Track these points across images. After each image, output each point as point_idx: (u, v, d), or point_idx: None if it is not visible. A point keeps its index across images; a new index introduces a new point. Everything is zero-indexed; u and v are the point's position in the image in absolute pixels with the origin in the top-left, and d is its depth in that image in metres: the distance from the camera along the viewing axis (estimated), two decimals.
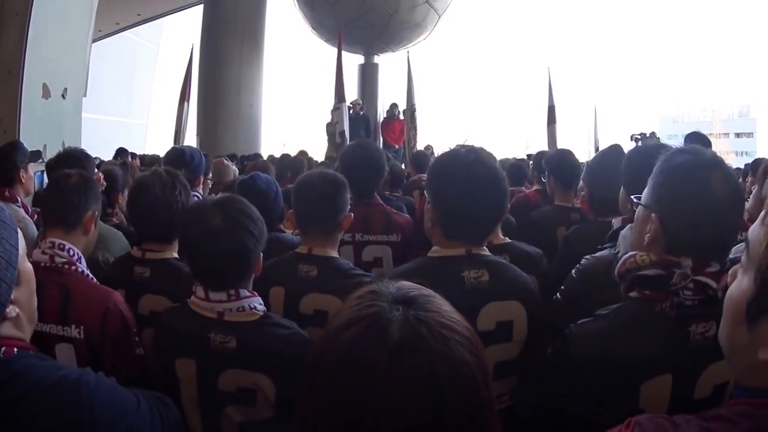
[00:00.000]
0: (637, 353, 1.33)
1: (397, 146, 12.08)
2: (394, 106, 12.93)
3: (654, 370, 1.32)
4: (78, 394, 1.07)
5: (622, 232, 1.88)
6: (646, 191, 1.46)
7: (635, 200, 1.51)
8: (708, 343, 1.30)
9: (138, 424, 1.16)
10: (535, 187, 4.47)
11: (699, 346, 1.31)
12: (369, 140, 8.71)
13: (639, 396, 1.32)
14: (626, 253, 1.47)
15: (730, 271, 0.94)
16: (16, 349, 1.08)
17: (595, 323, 1.43)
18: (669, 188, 1.38)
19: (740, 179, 5.22)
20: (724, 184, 1.33)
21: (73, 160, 3.07)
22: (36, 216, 3.11)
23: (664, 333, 1.33)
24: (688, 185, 1.35)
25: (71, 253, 1.95)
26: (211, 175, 4.71)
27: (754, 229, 0.87)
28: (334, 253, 2.18)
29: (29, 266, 1.17)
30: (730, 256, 1.35)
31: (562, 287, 2.03)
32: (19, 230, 1.11)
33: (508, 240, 2.41)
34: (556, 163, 3.57)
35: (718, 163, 1.38)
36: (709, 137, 5.31)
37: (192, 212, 1.84)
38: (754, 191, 2.61)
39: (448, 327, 0.79)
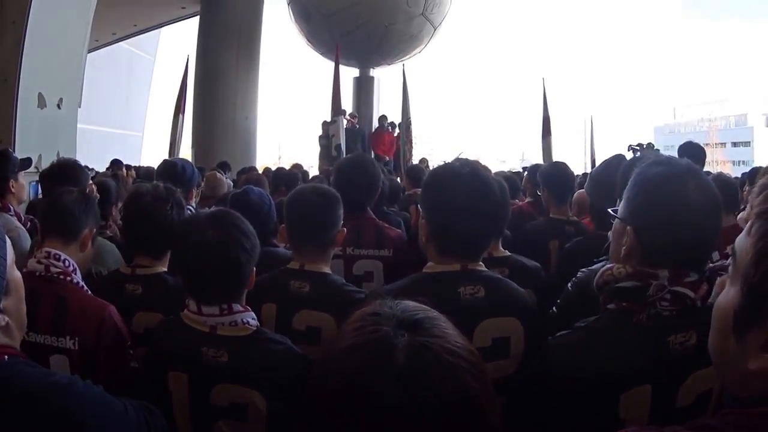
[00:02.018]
0: (614, 365, 1.33)
1: (387, 158, 12.14)
2: (383, 118, 13.04)
3: (633, 381, 1.32)
4: (67, 400, 1.08)
5: None
6: (621, 204, 1.47)
7: (611, 213, 1.52)
8: (688, 352, 1.32)
9: (125, 430, 1.17)
10: (528, 199, 4.49)
11: (679, 356, 1.32)
12: (365, 154, 8.74)
13: (618, 406, 1.32)
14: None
15: (717, 282, 0.96)
16: (6, 357, 1.09)
17: (572, 335, 1.43)
18: (642, 200, 1.40)
19: (738, 188, 5.24)
20: (698, 193, 1.34)
21: (66, 170, 3.06)
22: (29, 223, 3.10)
23: (641, 344, 1.33)
24: (661, 196, 1.36)
25: (67, 263, 1.95)
26: (202, 187, 4.71)
27: (740, 240, 0.88)
28: (327, 269, 2.17)
29: (18, 274, 1.17)
30: (710, 264, 1.36)
31: (558, 300, 2.03)
32: (7, 239, 1.12)
33: (507, 253, 2.41)
34: (550, 176, 3.58)
35: (692, 172, 1.39)
36: (705, 147, 5.35)
37: (185, 225, 1.84)
38: (748, 202, 2.58)
39: (454, 353, 0.78)
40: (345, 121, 11.06)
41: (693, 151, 4.73)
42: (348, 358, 0.78)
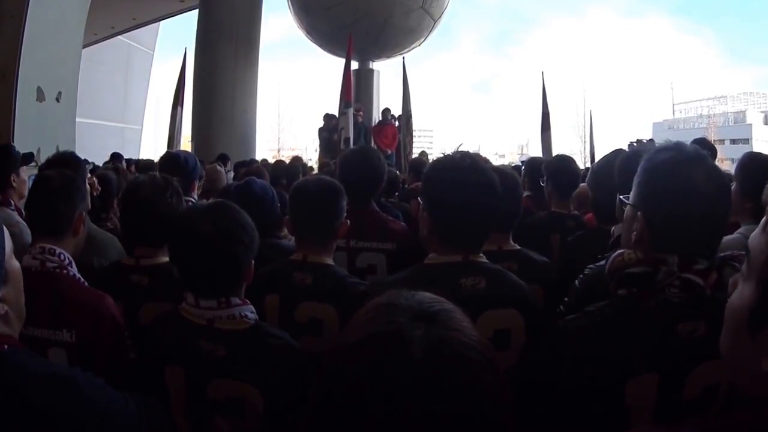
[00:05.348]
0: (621, 350, 1.33)
1: (389, 151, 12.06)
2: (386, 111, 12.95)
3: (639, 368, 1.31)
4: (67, 390, 1.08)
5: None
6: (632, 190, 1.47)
7: (623, 200, 1.53)
8: (696, 342, 1.31)
9: (126, 423, 1.17)
10: (526, 194, 4.46)
11: (687, 346, 1.31)
12: (370, 147, 8.67)
13: (624, 393, 1.31)
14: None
15: (730, 280, 0.93)
16: (6, 346, 1.09)
17: (582, 320, 1.43)
18: (651, 185, 1.40)
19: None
20: (707, 179, 1.35)
21: (64, 163, 3.05)
22: None
23: (650, 331, 1.33)
24: (669, 181, 1.37)
25: (62, 257, 1.93)
26: (203, 180, 4.70)
27: (754, 237, 0.86)
28: (330, 261, 2.16)
29: (17, 264, 1.17)
30: (721, 254, 1.35)
31: (566, 298, 2.01)
32: (5, 228, 1.12)
33: (517, 247, 2.39)
34: (556, 169, 3.55)
35: (700, 158, 1.39)
36: None
37: (182, 218, 1.83)
38: (732, 189, 2.57)
39: (471, 347, 0.76)
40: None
41: (703, 148, 4.71)
42: (363, 349, 0.76)
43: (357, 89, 14.24)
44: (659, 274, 1.32)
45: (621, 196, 1.56)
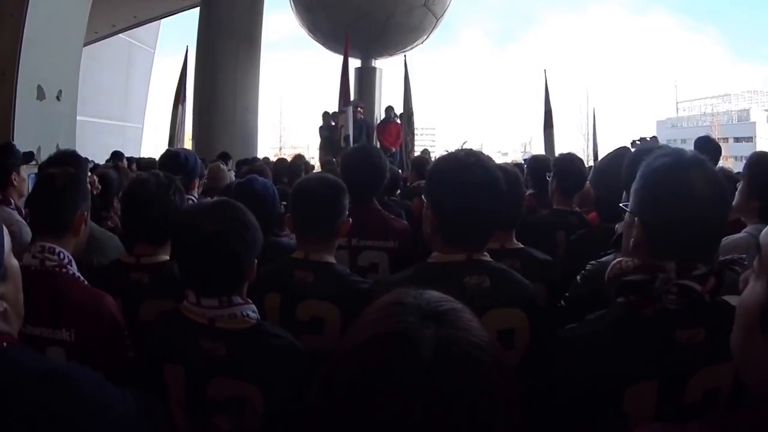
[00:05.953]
0: (620, 358, 1.32)
1: (393, 149, 12.06)
2: (389, 109, 12.94)
3: (638, 376, 1.30)
4: (66, 387, 1.08)
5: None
6: (631, 196, 1.47)
7: (622, 206, 1.52)
8: (696, 348, 1.30)
9: (124, 417, 1.16)
10: (529, 191, 4.45)
11: (686, 352, 1.30)
12: (372, 145, 8.62)
13: (623, 400, 1.31)
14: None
15: (741, 278, 0.92)
16: (5, 343, 1.08)
17: (580, 329, 1.42)
18: (649, 191, 1.39)
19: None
20: (705, 183, 1.33)
21: (65, 163, 3.04)
22: (29, 217, 3.08)
23: (648, 339, 1.32)
24: (666, 187, 1.36)
25: (62, 256, 1.93)
26: (205, 178, 4.69)
27: (766, 234, 0.85)
28: (331, 259, 2.15)
29: (15, 262, 1.17)
30: (722, 258, 1.34)
31: (567, 294, 2.01)
32: (4, 227, 1.12)
33: (520, 245, 2.37)
34: (562, 169, 3.53)
35: (697, 163, 1.37)
36: None
37: (185, 216, 1.81)
38: (739, 188, 2.57)
39: (480, 347, 0.75)
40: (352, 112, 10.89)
41: (707, 146, 4.72)
42: (370, 349, 0.75)
43: (359, 87, 14.26)
44: (656, 281, 1.31)
45: (621, 204, 1.54)
